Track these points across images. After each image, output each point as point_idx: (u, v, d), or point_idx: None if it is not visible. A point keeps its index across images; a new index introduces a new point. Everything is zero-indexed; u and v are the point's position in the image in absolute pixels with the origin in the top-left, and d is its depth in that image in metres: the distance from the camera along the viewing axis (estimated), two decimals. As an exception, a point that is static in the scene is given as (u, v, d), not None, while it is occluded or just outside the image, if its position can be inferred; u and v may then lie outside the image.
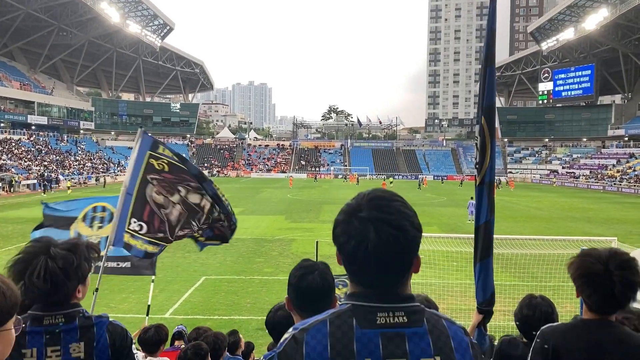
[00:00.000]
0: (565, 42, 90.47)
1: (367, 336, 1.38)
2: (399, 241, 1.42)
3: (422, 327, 1.43)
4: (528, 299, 3.35)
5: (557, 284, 12.85)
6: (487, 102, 3.45)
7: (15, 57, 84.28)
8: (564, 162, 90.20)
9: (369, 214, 1.44)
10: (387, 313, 1.42)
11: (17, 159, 62.61)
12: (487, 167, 3.44)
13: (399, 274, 1.46)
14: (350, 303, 1.46)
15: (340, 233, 1.48)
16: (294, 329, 1.46)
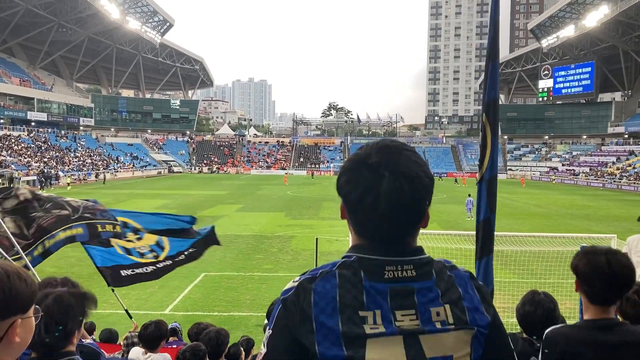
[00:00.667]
0: (565, 39, 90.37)
1: (375, 289, 1.35)
2: (411, 190, 1.36)
3: (430, 279, 1.40)
4: (531, 295, 3.34)
5: (557, 280, 12.87)
6: (488, 97, 3.43)
7: (15, 54, 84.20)
8: (563, 159, 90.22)
9: (380, 159, 1.37)
10: (395, 267, 1.38)
11: (16, 155, 62.61)
12: (488, 163, 3.42)
13: (408, 226, 1.41)
14: (356, 255, 1.41)
15: (347, 181, 1.40)
16: (301, 277, 1.41)
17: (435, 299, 1.38)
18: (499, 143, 3.50)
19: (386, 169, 1.36)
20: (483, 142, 3.45)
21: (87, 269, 16.52)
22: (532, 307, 3.22)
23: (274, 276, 16.43)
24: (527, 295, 3.35)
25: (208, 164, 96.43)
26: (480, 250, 3.41)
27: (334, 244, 21.17)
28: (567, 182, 75.82)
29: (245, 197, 44.15)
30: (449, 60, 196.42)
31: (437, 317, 1.37)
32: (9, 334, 1.38)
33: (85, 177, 66.21)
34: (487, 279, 3.35)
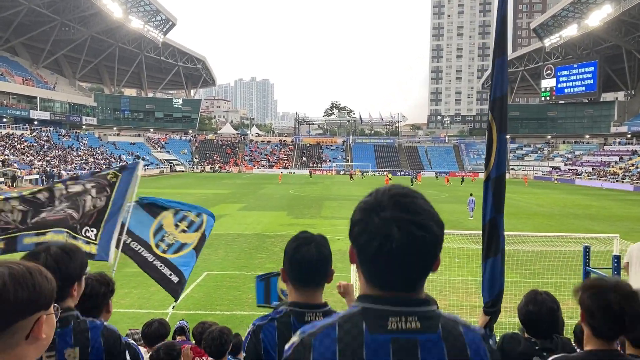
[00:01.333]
0: (568, 38, 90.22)
1: (377, 342, 1.31)
2: (424, 241, 1.35)
3: (436, 333, 1.34)
4: (533, 295, 3.33)
5: (559, 280, 12.86)
6: (494, 94, 3.38)
7: (18, 52, 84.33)
8: (566, 159, 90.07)
9: (392, 213, 1.35)
10: (399, 318, 1.34)
11: (19, 154, 62.73)
12: (494, 162, 3.37)
13: (420, 275, 1.39)
14: (361, 306, 1.38)
15: (360, 232, 1.37)
16: (302, 332, 1.39)
17: (440, 355, 1.32)
18: (507, 141, 3.43)
19: (399, 221, 1.33)
20: (489, 141, 3.40)
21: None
22: (535, 306, 3.21)
23: (276, 275, 16.41)
24: (529, 295, 3.33)
25: (210, 163, 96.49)
26: (486, 251, 3.37)
27: (336, 243, 21.10)
28: (569, 181, 75.60)
29: (247, 196, 44.16)
30: (452, 60, 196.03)
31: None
32: (35, 330, 1.38)
33: (87, 176, 66.20)
34: (494, 279, 3.31)
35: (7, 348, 1.33)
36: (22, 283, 1.34)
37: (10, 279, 1.33)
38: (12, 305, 1.31)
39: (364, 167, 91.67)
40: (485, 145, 3.44)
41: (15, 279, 1.33)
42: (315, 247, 2.29)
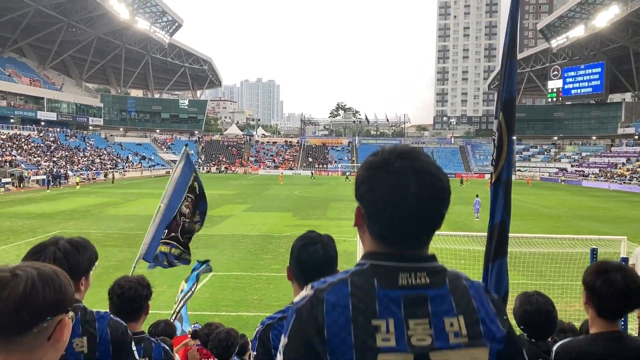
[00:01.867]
0: (575, 39, 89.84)
1: (388, 297, 1.33)
2: (437, 190, 1.36)
3: (443, 287, 1.37)
4: (526, 297, 3.34)
5: (566, 282, 12.80)
6: (505, 96, 3.36)
7: (26, 54, 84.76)
8: (572, 160, 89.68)
9: (403, 164, 1.36)
10: (408, 273, 1.36)
11: (26, 154, 63.02)
12: (504, 164, 3.36)
13: (430, 230, 1.40)
14: (369, 262, 1.40)
15: (371, 189, 1.38)
16: (312, 287, 1.39)
17: (449, 309, 1.36)
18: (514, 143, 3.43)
19: (412, 172, 1.35)
20: (499, 143, 3.39)
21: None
22: (531, 306, 3.23)
23: (282, 276, 16.41)
24: (522, 298, 3.34)
25: (216, 163, 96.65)
26: (494, 253, 3.37)
27: (341, 244, 21.12)
28: (575, 183, 75.27)
29: (253, 197, 44.22)
30: (458, 61, 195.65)
31: (450, 328, 1.34)
32: (57, 332, 1.40)
33: (94, 177, 66.54)
34: (501, 281, 3.31)
35: (30, 348, 1.36)
36: (50, 284, 1.36)
37: (39, 279, 1.35)
38: (40, 306, 1.33)
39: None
40: (495, 147, 3.41)
41: (44, 280, 1.35)
42: (322, 247, 2.31)
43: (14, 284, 1.32)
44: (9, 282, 1.32)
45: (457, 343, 1.33)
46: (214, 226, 27.12)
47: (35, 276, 1.35)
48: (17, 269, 1.36)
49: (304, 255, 2.28)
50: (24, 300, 1.31)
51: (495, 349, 1.38)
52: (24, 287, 1.32)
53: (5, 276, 1.34)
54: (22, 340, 1.35)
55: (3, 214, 31.16)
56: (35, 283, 1.34)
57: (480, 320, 1.38)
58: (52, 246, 2.27)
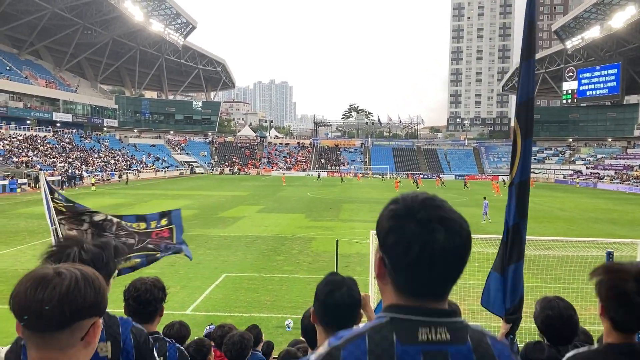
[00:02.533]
0: (590, 40, 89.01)
1: (408, 353, 1.28)
2: (464, 239, 1.33)
3: (465, 344, 1.32)
4: (548, 301, 3.29)
5: (581, 286, 12.67)
6: (520, 98, 3.35)
7: (42, 56, 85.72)
8: (587, 162, 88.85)
9: (430, 214, 1.32)
10: (429, 328, 1.31)
11: (42, 155, 63.69)
12: (518, 167, 3.35)
13: (453, 281, 1.36)
14: (389, 316, 1.35)
15: (397, 240, 1.32)
16: (330, 344, 1.35)
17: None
18: (532, 146, 3.40)
19: (438, 222, 1.31)
20: (514, 146, 3.39)
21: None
22: (552, 311, 3.18)
23: (295, 278, 16.45)
24: (543, 302, 3.29)
25: (229, 165, 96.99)
26: (509, 256, 3.34)
27: (354, 246, 21.14)
28: (591, 185, 74.55)
29: (265, 198, 44.31)
30: (472, 62, 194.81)
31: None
32: (90, 334, 1.43)
33: (108, 178, 67.11)
34: (517, 285, 3.28)
35: (64, 346, 1.39)
36: (91, 285, 1.41)
37: (82, 278, 1.39)
38: (81, 304, 1.37)
39: (382, 169, 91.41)
40: (511, 150, 3.42)
41: (86, 280, 1.40)
42: (347, 291, 2.34)
43: (59, 280, 1.37)
44: (53, 279, 1.37)
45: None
46: (227, 227, 27.23)
47: (78, 275, 1.40)
48: (59, 268, 1.41)
49: (330, 302, 2.30)
50: (68, 297, 1.35)
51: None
52: (68, 284, 1.37)
53: (49, 273, 1.38)
54: (59, 337, 1.38)
55: (19, 214, 31.53)
56: (78, 281, 1.38)
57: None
58: (75, 247, 2.21)
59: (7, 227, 26.06)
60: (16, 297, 1.38)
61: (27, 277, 1.40)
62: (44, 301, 1.34)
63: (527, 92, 3.35)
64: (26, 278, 1.40)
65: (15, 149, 61.64)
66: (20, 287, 1.38)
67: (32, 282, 1.37)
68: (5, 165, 54.81)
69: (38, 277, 1.38)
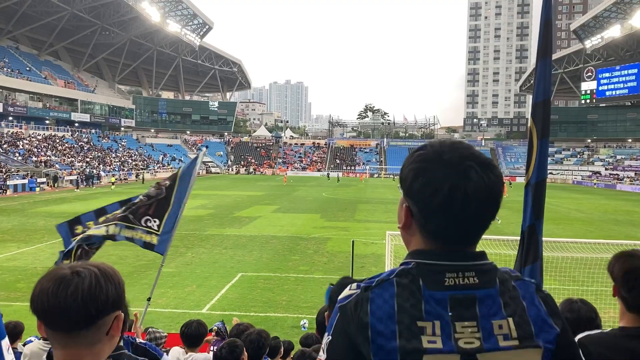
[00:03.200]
0: (610, 39, 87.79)
1: (435, 298, 1.29)
2: (498, 176, 1.31)
3: (494, 287, 1.32)
4: (569, 304, 3.24)
5: (600, 288, 12.51)
6: (536, 98, 3.32)
7: (61, 56, 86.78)
8: (607, 163, 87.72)
9: (459, 153, 1.30)
10: (456, 274, 1.31)
11: (61, 155, 64.46)
12: (534, 167, 3.31)
13: (484, 225, 1.34)
14: (415, 261, 1.34)
15: (425, 183, 1.30)
16: (358, 286, 1.35)
17: (498, 310, 1.30)
18: (548, 146, 3.36)
19: (470, 163, 1.29)
20: (529, 146, 3.36)
21: (127, 267, 16.89)
22: (573, 314, 3.13)
23: (310, 278, 16.45)
24: (565, 304, 3.24)
25: (245, 165, 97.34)
26: (525, 257, 3.30)
27: (369, 246, 21.09)
28: (609, 187, 73.59)
29: (281, 198, 44.39)
30: (489, 62, 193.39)
31: (499, 331, 1.29)
32: (113, 327, 1.46)
33: (125, 177, 67.72)
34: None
35: (91, 343, 1.43)
36: (111, 280, 1.43)
37: (101, 275, 1.42)
38: (105, 301, 1.40)
39: (398, 170, 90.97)
40: (527, 150, 3.38)
41: (106, 276, 1.43)
42: None
43: (79, 280, 1.38)
44: (73, 279, 1.38)
45: (507, 345, 1.29)
46: (242, 227, 27.33)
47: (97, 273, 1.42)
48: (76, 267, 1.42)
49: None
50: (91, 295, 1.38)
51: (550, 348, 1.32)
52: (89, 283, 1.39)
53: (67, 273, 1.40)
54: (85, 334, 1.41)
55: (38, 213, 31.94)
56: (99, 279, 1.41)
57: (531, 321, 1.32)
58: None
59: (27, 226, 26.42)
60: (38, 299, 1.39)
61: (46, 279, 1.41)
62: (67, 302, 1.36)
63: (543, 92, 3.31)
64: (45, 279, 1.41)
65: (35, 148, 62.46)
66: (41, 289, 1.39)
67: (52, 283, 1.38)
68: (25, 164, 55.55)
69: (58, 278, 1.39)
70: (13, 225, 26.59)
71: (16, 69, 70.13)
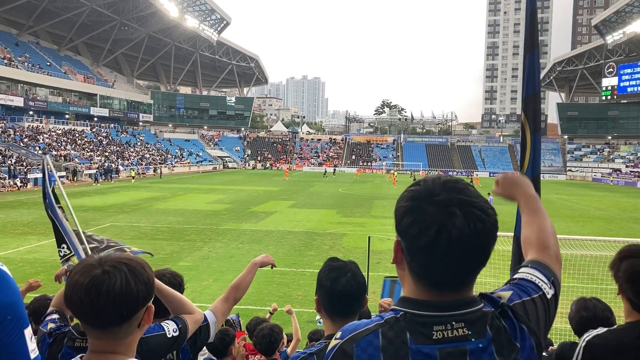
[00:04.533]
0: (632, 35, 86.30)
1: (422, 352, 1.23)
2: (486, 227, 1.25)
3: (485, 338, 1.27)
4: (583, 302, 3.22)
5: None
6: (526, 92, 3.27)
7: (80, 52, 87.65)
8: (627, 160, 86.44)
9: (449, 196, 1.26)
10: (444, 326, 1.26)
11: (80, 149, 65.19)
12: (529, 163, 3.25)
13: (475, 269, 1.30)
14: (403, 311, 1.30)
15: (413, 222, 1.27)
16: (342, 337, 1.31)
17: (489, 358, 1.26)
18: (557, 142, 3.31)
19: (457, 205, 1.25)
20: (522, 142, 3.30)
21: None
22: (588, 312, 3.11)
23: (325, 273, 16.45)
24: (579, 303, 3.22)
25: (261, 160, 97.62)
26: (520, 256, 3.22)
27: (385, 242, 21.04)
28: (630, 184, 72.52)
29: (297, 194, 44.45)
30: (507, 58, 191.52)
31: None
32: (145, 319, 1.56)
33: (144, 172, 68.32)
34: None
35: (123, 336, 1.52)
36: (140, 279, 1.49)
37: (131, 276, 1.47)
38: (135, 300, 1.47)
39: (415, 166, 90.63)
40: (520, 146, 3.32)
41: (135, 276, 1.48)
42: (352, 277, 2.23)
43: (110, 282, 1.44)
44: (104, 281, 1.44)
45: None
46: (259, 222, 27.44)
47: (127, 273, 1.47)
48: (105, 265, 1.47)
49: (337, 288, 2.18)
50: (122, 296, 1.44)
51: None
52: (120, 285, 1.44)
53: (97, 273, 1.45)
54: (118, 330, 1.50)
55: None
56: (129, 280, 1.46)
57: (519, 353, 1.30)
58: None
59: (47, 219, 26.50)
60: (72, 302, 1.46)
61: (79, 273, 1.47)
62: (100, 304, 1.42)
63: (533, 85, 3.26)
64: (79, 274, 1.47)
65: (55, 142, 63.24)
66: (75, 284, 1.45)
67: (85, 280, 1.44)
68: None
69: (90, 277, 1.44)
70: (34, 218, 26.97)
71: (37, 64, 70.97)
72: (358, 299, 2.23)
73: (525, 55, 3.27)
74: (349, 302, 2.20)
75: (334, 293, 2.20)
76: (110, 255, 1.53)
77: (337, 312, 2.19)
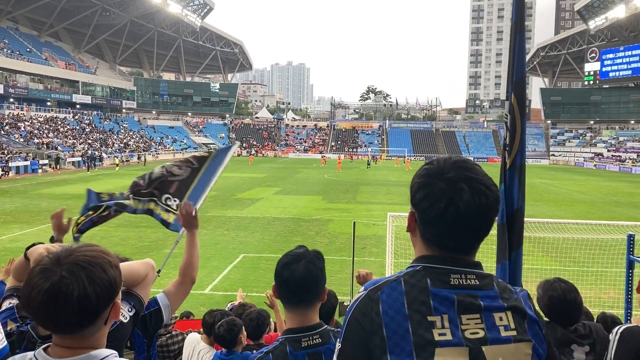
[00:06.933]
0: (615, 20, 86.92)
1: (442, 295, 1.40)
2: (490, 200, 1.44)
3: (493, 289, 1.46)
4: (549, 284, 3.26)
5: (601, 269, 12.58)
6: (517, 75, 3.22)
7: (61, 38, 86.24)
8: (609, 145, 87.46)
9: (457, 173, 1.45)
10: (459, 275, 1.44)
11: (62, 137, 64.44)
12: (518, 148, 3.23)
13: (480, 238, 1.48)
14: (421, 265, 1.47)
15: (425, 196, 1.46)
16: (365, 288, 1.47)
17: (498, 305, 1.44)
18: (541, 127, 3.30)
19: (465, 182, 1.43)
20: (512, 126, 3.25)
21: (130, 249, 16.97)
22: (555, 292, 3.16)
23: (311, 259, 16.51)
24: (546, 285, 3.25)
25: (247, 147, 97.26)
26: (511, 242, 3.17)
27: (371, 228, 21.15)
28: (611, 168, 73.43)
29: (283, 180, 44.42)
30: (492, 43, 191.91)
31: (500, 322, 1.42)
32: (111, 316, 1.52)
33: (127, 159, 67.75)
34: (518, 272, 3.15)
35: (91, 334, 1.48)
36: (100, 284, 1.43)
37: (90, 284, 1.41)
38: (96, 306, 1.42)
39: (400, 152, 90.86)
40: (508, 131, 3.26)
41: (94, 281, 1.42)
42: (304, 265, 2.18)
43: (68, 289, 1.37)
44: (61, 287, 1.37)
45: (507, 336, 1.40)
46: (244, 208, 27.40)
47: (84, 280, 1.40)
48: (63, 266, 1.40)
49: (285, 274, 2.17)
50: (80, 305, 1.39)
51: (537, 346, 1.45)
52: (78, 294, 1.38)
53: (55, 280, 1.38)
54: (82, 332, 1.46)
55: (41, 194, 32.03)
56: (86, 287, 1.39)
57: (527, 317, 1.46)
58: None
59: (29, 207, 26.51)
60: (29, 308, 1.40)
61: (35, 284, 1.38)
62: (58, 316, 1.37)
63: (521, 68, 3.24)
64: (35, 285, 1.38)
65: (36, 130, 62.42)
66: (31, 298, 1.38)
67: (42, 293, 1.36)
68: (27, 146, 55.56)
69: (48, 286, 1.37)
70: (16, 206, 26.69)
71: (16, 50, 69.76)
72: (308, 288, 2.17)
73: (515, 36, 3.21)
74: (298, 290, 2.16)
75: (281, 279, 2.18)
76: (72, 252, 1.44)
77: (289, 300, 2.18)
